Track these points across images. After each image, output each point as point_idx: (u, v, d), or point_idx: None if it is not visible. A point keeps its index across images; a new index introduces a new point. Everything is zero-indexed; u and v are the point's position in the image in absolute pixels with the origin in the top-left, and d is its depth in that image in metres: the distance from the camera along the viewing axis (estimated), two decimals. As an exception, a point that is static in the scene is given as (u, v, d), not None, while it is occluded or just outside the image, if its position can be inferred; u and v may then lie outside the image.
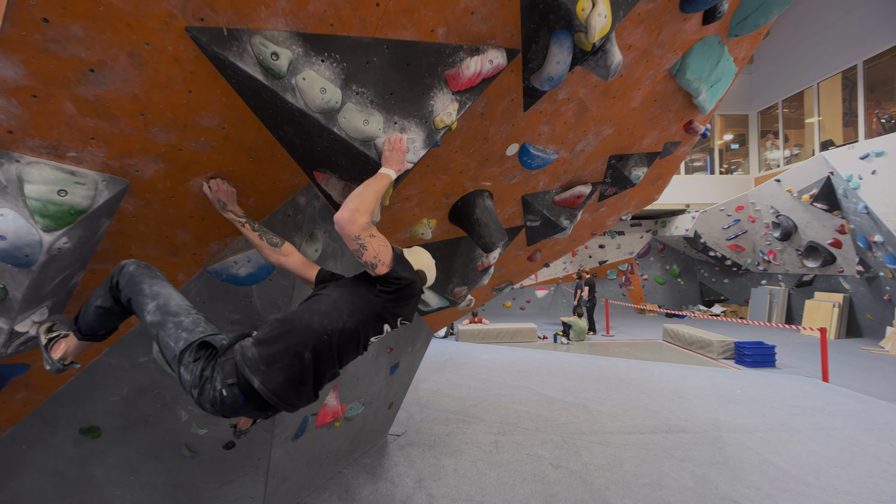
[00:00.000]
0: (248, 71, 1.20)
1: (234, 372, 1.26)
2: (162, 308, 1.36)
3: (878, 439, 3.72)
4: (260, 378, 1.26)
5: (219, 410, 1.29)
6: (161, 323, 1.34)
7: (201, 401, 1.29)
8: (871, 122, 9.55)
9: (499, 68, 1.57)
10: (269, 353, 1.28)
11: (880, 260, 7.37)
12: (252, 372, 1.25)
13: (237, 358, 1.27)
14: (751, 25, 2.13)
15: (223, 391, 1.25)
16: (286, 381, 1.30)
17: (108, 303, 1.41)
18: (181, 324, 1.34)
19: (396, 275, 1.42)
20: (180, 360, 1.30)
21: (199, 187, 1.51)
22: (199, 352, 1.31)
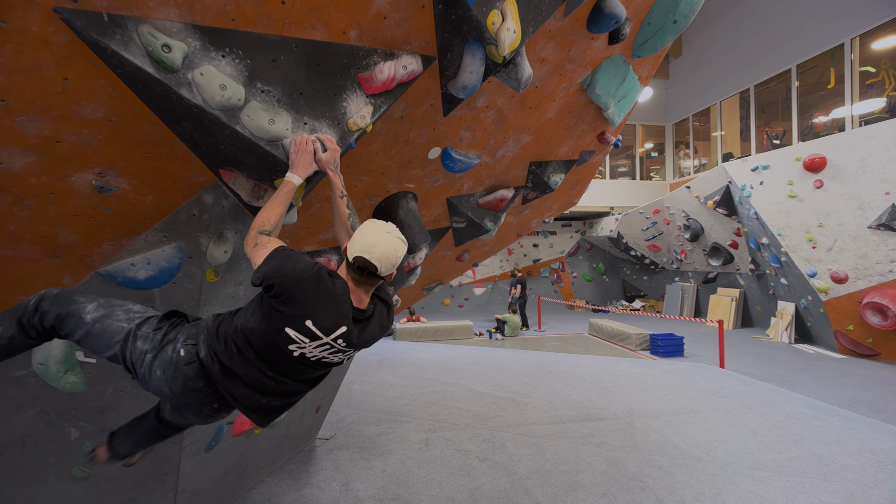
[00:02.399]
0: (136, 62, 1.12)
1: (196, 336, 1.31)
2: (106, 304, 1.36)
3: (757, 416, 4.28)
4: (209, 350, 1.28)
5: (168, 377, 1.28)
6: (107, 314, 1.34)
7: (153, 366, 1.29)
8: (763, 139, 10.87)
9: (414, 74, 1.60)
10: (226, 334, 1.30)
11: (767, 259, 8.43)
12: (210, 341, 1.29)
13: (207, 324, 1.33)
14: (650, 49, 2.35)
15: (181, 350, 1.28)
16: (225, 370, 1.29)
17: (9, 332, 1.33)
18: (131, 309, 1.38)
19: (257, 274, 1.26)
20: (134, 335, 1.31)
21: (86, 183, 1.38)
22: (164, 321, 1.36)
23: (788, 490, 2.92)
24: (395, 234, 1.35)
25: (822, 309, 7.27)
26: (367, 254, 1.29)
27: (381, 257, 1.29)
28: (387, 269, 1.32)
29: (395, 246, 1.32)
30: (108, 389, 1.91)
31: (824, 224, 7.03)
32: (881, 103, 8.38)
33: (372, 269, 1.30)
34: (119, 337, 1.31)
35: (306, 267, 1.27)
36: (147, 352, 1.29)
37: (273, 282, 1.23)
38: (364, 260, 1.29)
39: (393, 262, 1.32)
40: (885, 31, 8.22)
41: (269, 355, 1.31)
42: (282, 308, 1.24)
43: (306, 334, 1.26)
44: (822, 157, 6.98)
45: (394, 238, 1.33)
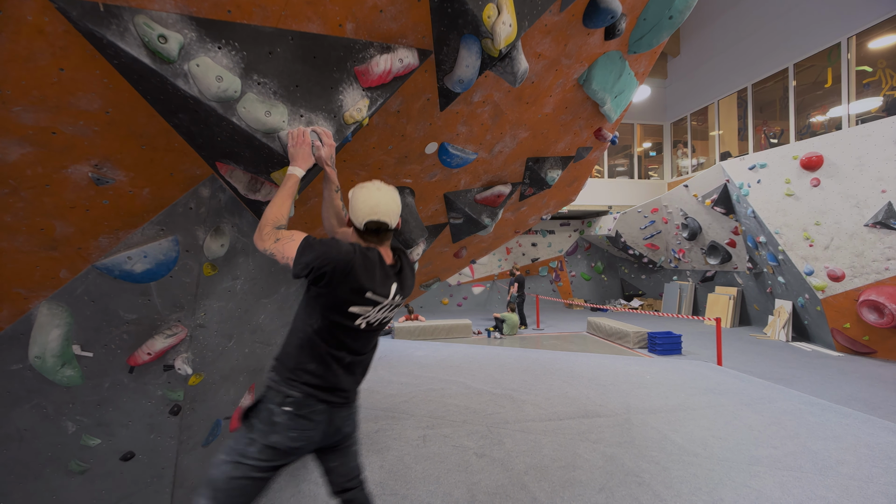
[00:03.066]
0: (132, 53, 1.12)
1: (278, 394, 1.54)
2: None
3: (753, 412, 4.29)
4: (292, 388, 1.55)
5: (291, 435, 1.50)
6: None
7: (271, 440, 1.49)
8: (760, 138, 10.90)
9: (410, 67, 1.61)
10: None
11: (764, 258, 8.45)
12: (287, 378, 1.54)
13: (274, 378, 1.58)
14: (646, 45, 2.36)
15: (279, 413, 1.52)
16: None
17: None
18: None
19: (300, 265, 1.37)
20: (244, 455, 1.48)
21: (83, 175, 1.39)
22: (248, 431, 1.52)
23: (784, 485, 2.94)
24: (385, 187, 1.49)
25: (818, 307, 7.29)
26: (375, 215, 1.44)
27: (387, 211, 1.45)
28: (394, 219, 1.49)
29: (392, 196, 1.48)
30: (105, 383, 1.91)
31: (821, 222, 7.06)
32: (878, 102, 8.41)
33: (384, 225, 1.46)
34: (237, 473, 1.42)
35: (348, 248, 1.41)
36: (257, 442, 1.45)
37: (325, 269, 1.34)
38: (375, 221, 1.45)
39: (397, 211, 1.49)
40: (881, 30, 8.25)
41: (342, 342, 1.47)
42: (339, 291, 1.39)
43: (368, 304, 1.44)
44: (818, 155, 7.01)
45: (387, 190, 1.48)
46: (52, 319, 1.71)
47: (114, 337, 1.83)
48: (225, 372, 2.25)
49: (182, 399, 2.06)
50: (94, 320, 1.77)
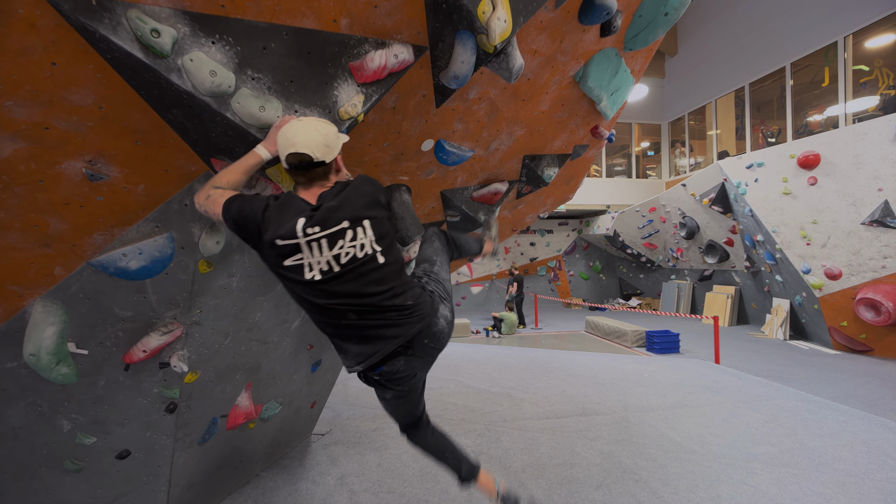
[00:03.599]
0: (125, 47, 1.12)
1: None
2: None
3: (750, 409, 4.30)
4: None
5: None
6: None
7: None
8: (758, 137, 10.93)
9: (405, 63, 1.60)
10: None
11: (762, 256, 8.47)
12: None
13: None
14: (642, 41, 2.36)
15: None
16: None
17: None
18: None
19: (227, 221, 1.38)
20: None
21: (77, 171, 1.38)
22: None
23: (781, 481, 2.94)
24: (308, 118, 1.35)
25: (816, 305, 7.31)
26: (292, 147, 1.29)
27: (307, 140, 1.29)
28: (320, 150, 1.32)
29: (314, 125, 1.31)
30: (100, 381, 1.90)
31: (818, 221, 7.08)
32: (874, 101, 8.44)
33: (306, 157, 1.31)
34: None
35: (262, 200, 1.38)
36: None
37: (241, 224, 1.34)
38: (294, 154, 1.30)
39: (323, 141, 1.31)
40: (877, 29, 8.28)
41: (312, 303, 1.42)
42: (263, 250, 1.36)
43: (291, 251, 1.34)
44: (815, 154, 7.02)
45: (309, 120, 1.33)
46: (46, 317, 1.70)
47: (109, 334, 1.83)
48: (221, 370, 2.25)
49: (178, 397, 2.06)
50: (89, 318, 1.77)
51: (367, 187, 1.46)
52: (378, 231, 1.44)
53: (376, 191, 1.49)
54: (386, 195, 1.53)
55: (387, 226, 1.49)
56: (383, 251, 1.45)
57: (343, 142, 1.42)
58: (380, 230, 1.45)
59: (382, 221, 1.48)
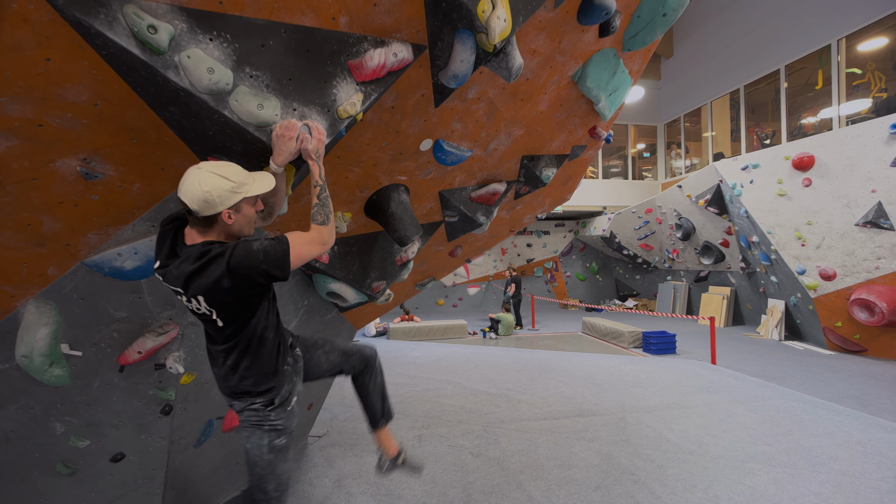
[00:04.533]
0: (121, 43, 1.10)
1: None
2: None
3: (747, 410, 4.31)
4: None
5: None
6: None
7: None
8: (753, 139, 11.00)
9: (404, 62, 1.59)
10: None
11: (757, 257, 8.52)
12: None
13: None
14: (640, 42, 2.36)
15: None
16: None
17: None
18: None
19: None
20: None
21: (71, 170, 1.36)
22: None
23: (778, 481, 2.95)
24: (209, 168, 1.29)
25: (810, 306, 7.36)
26: (179, 192, 1.31)
27: (185, 192, 1.28)
28: (196, 204, 1.28)
29: (201, 179, 1.27)
30: (94, 383, 1.87)
31: (813, 222, 7.13)
32: (867, 104, 8.52)
33: (185, 207, 1.32)
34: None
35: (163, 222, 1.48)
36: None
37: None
38: (179, 199, 1.31)
39: (200, 197, 1.27)
40: (870, 32, 8.37)
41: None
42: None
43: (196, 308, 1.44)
44: (810, 155, 7.08)
45: (204, 172, 1.28)
46: (39, 318, 1.67)
47: (103, 335, 1.80)
48: (217, 371, 2.22)
49: (174, 398, 2.04)
50: (83, 318, 1.74)
51: (216, 268, 1.32)
52: (218, 308, 1.41)
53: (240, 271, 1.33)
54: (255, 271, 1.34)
55: (230, 301, 1.40)
56: (226, 323, 1.45)
57: (246, 195, 1.34)
58: (221, 308, 1.41)
59: (229, 304, 1.40)
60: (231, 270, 1.31)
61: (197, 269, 1.33)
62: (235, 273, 1.31)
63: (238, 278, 1.32)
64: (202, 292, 1.35)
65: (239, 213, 1.37)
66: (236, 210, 1.36)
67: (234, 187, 1.31)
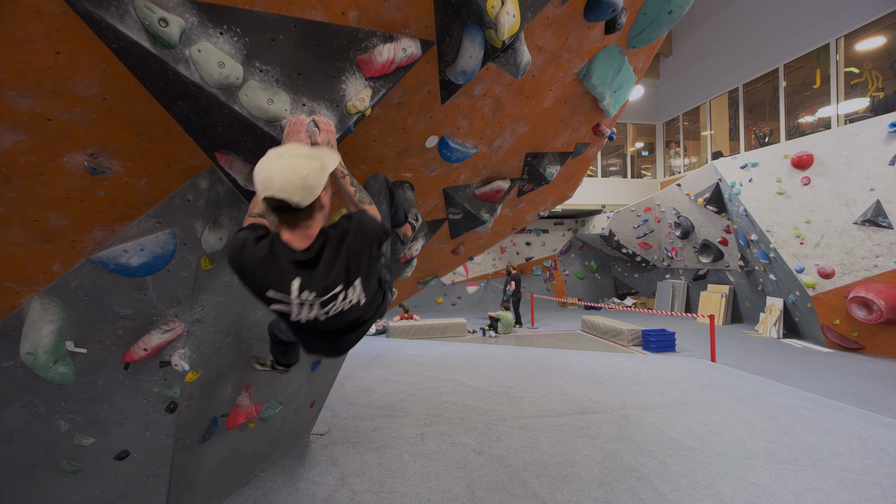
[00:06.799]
0: (132, 36, 1.09)
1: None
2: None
3: (748, 407, 4.33)
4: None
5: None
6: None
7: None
8: (751, 137, 11.03)
9: (413, 58, 1.59)
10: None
11: (756, 256, 8.55)
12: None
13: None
14: (645, 39, 2.36)
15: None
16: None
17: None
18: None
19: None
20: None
21: (78, 165, 1.35)
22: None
23: (780, 477, 2.96)
24: (290, 153, 1.16)
25: (809, 304, 7.39)
26: (268, 190, 1.14)
27: (284, 183, 1.12)
28: (299, 193, 1.14)
29: (293, 166, 1.13)
30: (99, 380, 1.86)
31: (811, 220, 7.15)
32: (865, 103, 8.55)
33: (283, 203, 1.15)
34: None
35: (235, 247, 1.26)
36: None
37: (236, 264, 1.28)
38: (270, 198, 1.15)
39: (302, 184, 1.14)
40: (867, 32, 8.39)
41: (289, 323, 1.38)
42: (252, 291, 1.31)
43: (280, 302, 1.27)
44: (809, 154, 7.10)
45: (289, 158, 1.15)
46: (44, 315, 1.66)
47: (108, 332, 1.79)
48: (222, 369, 2.21)
49: (179, 396, 2.03)
50: (88, 315, 1.73)
51: (361, 241, 1.30)
52: (366, 285, 1.39)
53: (373, 239, 1.33)
54: (382, 234, 1.38)
55: (372, 270, 1.41)
56: (367, 296, 1.43)
57: (330, 171, 1.25)
58: (367, 284, 1.39)
59: (371, 273, 1.41)
60: (378, 227, 1.36)
61: (351, 247, 1.28)
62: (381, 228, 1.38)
63: (384, 232, 1.40)
64: (361, 274, 1.34)
65: (326, 191, 1.28)
66: (325, 189, 1.26)
67: (320, 165, 1.20)
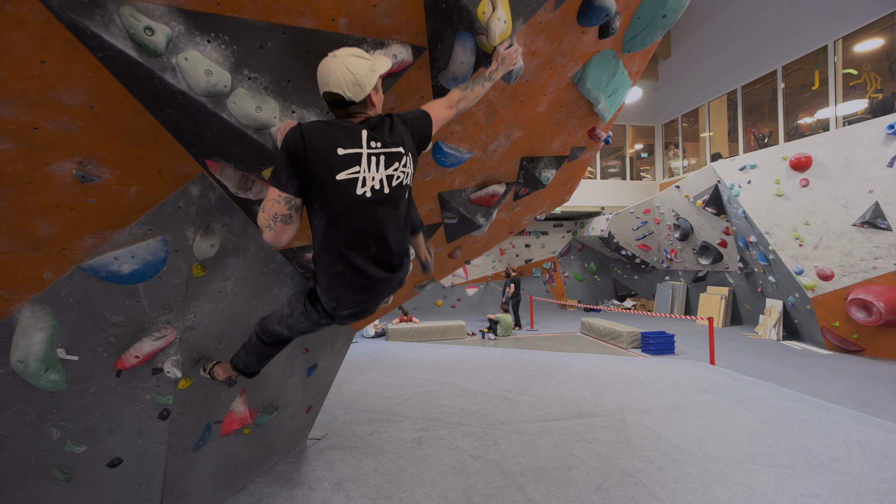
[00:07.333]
0: (117, 45, 1.09)
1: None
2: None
3: (747, 410, 4.32)
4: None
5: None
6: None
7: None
8: (750, 139, 11.03)
9: (404, 64, 1.58)
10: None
11: (755, 258, 8.54)
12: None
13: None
14: (640, 43, 2.36)
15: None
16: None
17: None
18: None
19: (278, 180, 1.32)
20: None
21: (67, 173, 1.34)
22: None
23: (779, 482, 2.95)
24: (344, 53, 1.29)
25: (808, 306, 7.37)
26: (325, 86, 1.30)
27: (338, 80, 1.27)
28: (351, 89, 1.29)
29: (346, 63, 1.27)
30: (91, 388, 1.86)
31: (810, 222, 7.14)
32: (863, 104, 8.55)
33: (339, 97, 1.30)
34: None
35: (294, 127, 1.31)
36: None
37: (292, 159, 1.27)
38: (328, 93, 1.30)
39: (352, 80, 1.28)
40: (866, 33, 8.40)
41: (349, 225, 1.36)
42: (316, 169, 1.28)
43: (350, 163, 1.30)
44: (807, 156, 7.10)
45: (342, 57, 1.28)
46: (35, 322, 1.66)
47: (100, 340, 1.79)
48: (216, 375, 2.20)
49: (171, 403, 2.02)
50: (79, 323, 1.72)
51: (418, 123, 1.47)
52: (413, 169, 1.47)
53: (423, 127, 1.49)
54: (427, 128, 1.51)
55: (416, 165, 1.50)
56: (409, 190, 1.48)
57: (379, 73, 1.37)
58: (414, 168, 1.47)
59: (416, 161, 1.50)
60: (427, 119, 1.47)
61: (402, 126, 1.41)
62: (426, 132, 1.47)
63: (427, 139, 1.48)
64: (412, 150, 1.43)
65: (377, 92, 1.39)
66: (376, 90, 1.38)
67: (371, 65, 1.33)
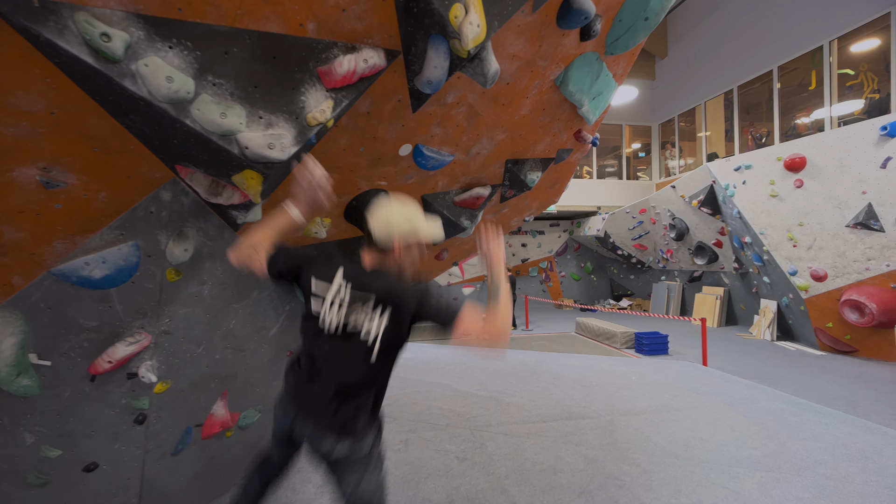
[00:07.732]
0: (73, 51, 1.07)
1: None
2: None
3: (736, 412, 4.32)
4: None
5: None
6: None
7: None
8: (747, 139, 11.02)
9: (376, 68, 1.57)
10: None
11: (750, 258, 8.54)
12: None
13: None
14: (622, 46, 2.34)
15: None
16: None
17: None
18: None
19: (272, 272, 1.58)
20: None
21: (30, 179, 1.33)
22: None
23: (763, 486, 2.95)
24: (398, 205, 1.56)
25: (802, 307, 7.38)
26: (372, 224, 1.56)
27: (377, 224, 1.54)
28: (381, 234, 1.53)
29: (390, 214, 1.53)
30: (65, 393, 1.84)
31: (804, 223, 7.14)
32: (860, 105, 8.54)
33: (369, 234, 1.56)
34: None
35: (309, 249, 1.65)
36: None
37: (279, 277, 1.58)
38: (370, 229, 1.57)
39: (387, 233, 1.52)
40: (862, 33, 8.38)
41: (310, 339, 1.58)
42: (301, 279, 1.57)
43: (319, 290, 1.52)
44: (801, 157, 7.09)
45: (393, 209, 1.54)
46: (5, 328, 1.64)
47: (73, 345, 1.77)
48: (194, 379, 2.19)
49: (147, 407, 2.01)
50: (51, 328, 1.71)
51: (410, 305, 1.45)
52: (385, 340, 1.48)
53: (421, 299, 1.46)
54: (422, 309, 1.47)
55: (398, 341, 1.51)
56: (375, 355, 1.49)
57: (421, 238, 1.58)
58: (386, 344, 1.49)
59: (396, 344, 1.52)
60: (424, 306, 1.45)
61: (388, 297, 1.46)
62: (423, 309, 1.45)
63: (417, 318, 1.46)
64: (389, 320, 1.46)
65: (408, 251, 1.58)
66: (408, 249, 1.57)
67: (413, 230, 1.54)
